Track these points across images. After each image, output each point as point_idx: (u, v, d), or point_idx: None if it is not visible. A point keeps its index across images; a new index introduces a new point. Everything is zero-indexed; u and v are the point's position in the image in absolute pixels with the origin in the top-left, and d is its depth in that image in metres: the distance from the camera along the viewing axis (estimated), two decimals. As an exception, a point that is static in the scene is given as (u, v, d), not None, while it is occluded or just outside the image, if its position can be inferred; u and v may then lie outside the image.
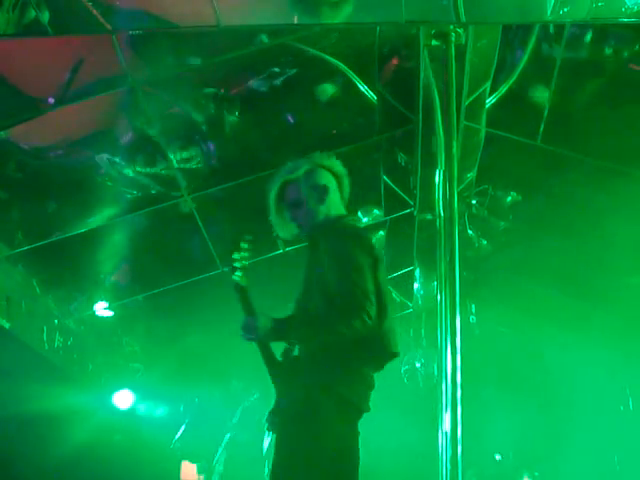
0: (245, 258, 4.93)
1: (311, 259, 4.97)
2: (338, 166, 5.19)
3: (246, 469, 12.17)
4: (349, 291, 4.50)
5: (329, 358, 4.63)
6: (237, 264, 4.90)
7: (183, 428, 9.66)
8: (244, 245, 4.93)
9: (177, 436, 12.16)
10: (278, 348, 4.84)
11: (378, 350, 4.77)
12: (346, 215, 5.09)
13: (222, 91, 7.60)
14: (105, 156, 7.96)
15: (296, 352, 4.77)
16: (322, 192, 4.99)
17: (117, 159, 7.96)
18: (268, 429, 4.88)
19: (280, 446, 4.62)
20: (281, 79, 7.56)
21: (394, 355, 4.88)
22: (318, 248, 4.85)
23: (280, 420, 4.69)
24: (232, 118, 7.86)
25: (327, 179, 5.08)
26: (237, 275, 4.90)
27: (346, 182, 5.21)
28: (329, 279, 4.63)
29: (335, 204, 5.06)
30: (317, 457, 4.48)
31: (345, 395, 4.63)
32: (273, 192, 5.05)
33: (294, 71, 7.52)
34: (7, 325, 8.77)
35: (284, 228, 5.14)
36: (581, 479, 11.28)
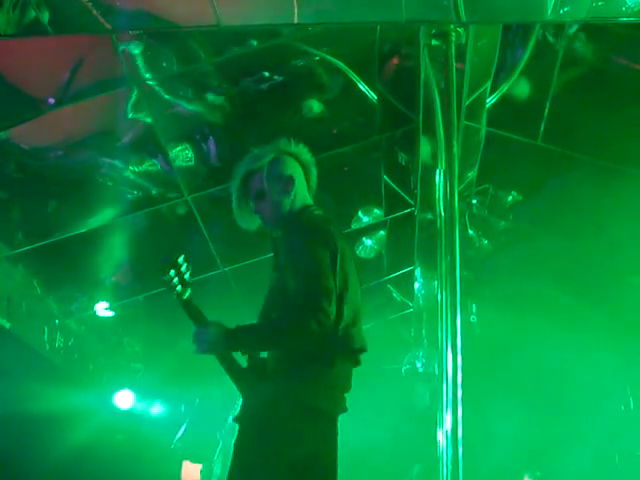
0: (179, 275, 4.62)
1: (274, 257, 4.76)
2: (305, 154, 4.93)
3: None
4: (303, 289, 4.26)
5: (292, 364, 4.42)
6: (171, 284, 4.61)
7: (184, 428, 9.66)
8: (178, 263, 4.62)
9: (178, 436, 12.17)
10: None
11: (342, 349, 4.47)
12: (310, 206, 4.80)
13: (222, 91, 7.59)
14: (107, 159, 7.97)
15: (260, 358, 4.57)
16: (287, 183, 4.74)
17: (118, 161, 7.96)
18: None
19: (239, 452, 4.39)
20: (281, 79, 7.56)
21: (360, 352, 4.59)
22: (277, 245, 4.69)
23: (242, 426, 4.47)
24: (231, 118, 7.86)
25: (293, 168, 4.82)
26: (176, 292, 4.64)
27: (313, 170, 4.95)
28: (286, 278, 4.41)
29: (301, 195, 4.79)
30: (272, 464, 4.31)
31: (311, 403, 4.40)
32: (236, 181, 4.80)
33: (294, 71, 7.52)
34: (8, 325, 8.77)
35: (246, 219, 4.89)
36: (582, 478, 11.28)
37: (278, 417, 4.33)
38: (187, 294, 4.68)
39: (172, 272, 4.58)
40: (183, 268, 4.64)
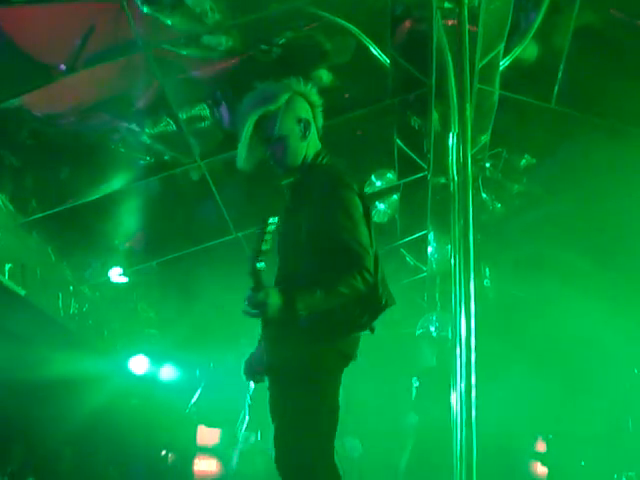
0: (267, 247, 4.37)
1: (291, 201, 4.71)
2: (314, 94, 4.80)
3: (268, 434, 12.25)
4: (346, 245, 4.27)
5: (328, 316, 4.34)
6: (262, 256, 4.36)
7: (199, 393, 9.71)
8: (269, 229, 4.32)
9: (193, 400, 12.24)
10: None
11: (375, 304, 4.50)
12: (322, 150, 4.76)
13: (234, 55, 7.57)
14: (119, 125, 7.96)
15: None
16: (305, 127, 4.65)
17: (130, 127, 7.96)
18: (250, 379, 4.82)
19: (284, 405, 4.42)
20: (294, 43, 7.53)
21: (387, 306, 4.60)
22: (301, 194, 4.62)
23: (277, 378, 4.48)
24: (243, 82, 7.83)
25: (307, 111, 4.72)
26: (261, 265, 4.37)
27: (319, 112, 4.82)
28: (319, 230, 4.38)
29: (314, 139, 4.74)
30: (322, 411, 4.40)
31: (344, 350, 4.50)
32: (249, 123, 4.55)
33: (307, 35, 7.49)
34: (23, 292, 8.81)
35: (249, 160, 4.74)
36: (595, 442, 11.30)
37: (320, 365, 4.38)
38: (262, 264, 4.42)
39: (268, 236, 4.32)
40: (268, 235, 4.34)
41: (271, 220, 4.28)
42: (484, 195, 10.12)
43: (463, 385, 5.93)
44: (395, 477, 11.65)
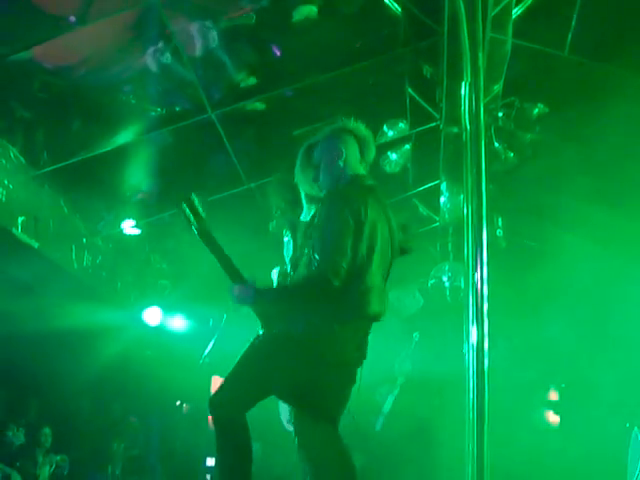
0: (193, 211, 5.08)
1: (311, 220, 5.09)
2: (362, 130, 5.23)
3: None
4: (321, 248, 4.63)
5: (306, 314, 4.75)
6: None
7: (212, 343, 9.76)
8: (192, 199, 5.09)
9: (206, 351, 12.28)
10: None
11: (358, 313, 4.78)
12: (359, 176, 5.10)
13: (245, 5, 7.53)
14: (130, 76, 7.94)
15: None
16: (337, 154, 5.05)
17: (141, 78, 7.93)
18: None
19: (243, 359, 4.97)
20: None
21: (375, 318, 4.89)
22: (318, 207, 5.00)
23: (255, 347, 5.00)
24: (255, 31, 7.80)
25: (346, 142, 5.14)
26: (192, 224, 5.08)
27: (371, 146, 5.23)
28: (313, 242, 4.75)
29: (351, 166, 5.09)
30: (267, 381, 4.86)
31: (320, 354, 4.74)
32: (300, 152, 5.24)
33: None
34: (36, 245, 8.84)
35: (306, 185, 5.27)
36: (607, 390, 11.33)
37: (284, 358, 4.77)
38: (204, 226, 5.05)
39: (186, 208, 5.02)
40: (196, 203, 5.07)
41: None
42: (497, 144, 10.07)
43: (476, 334, 5.95)
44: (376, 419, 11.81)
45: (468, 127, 7.37)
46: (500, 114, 9.61)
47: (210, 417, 4.89)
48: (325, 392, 4.87)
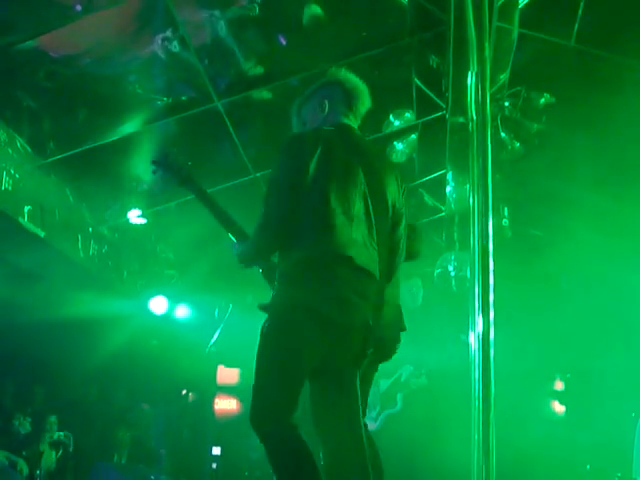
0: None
1: None
2: (350, 79, 5.21)
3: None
4: (264, 205, 4.66)
5: (294, 269, 4.59)
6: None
7: (218, 333, 9.77)
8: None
9: (212, 341, 12.32)
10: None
11: (342, 261, 4.56)
12: (339, 124, 5.02)
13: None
14: (136, 65, 7.94)
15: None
16: (321, 105, 5.05)
17: (147, 67, 7.93)
18: None
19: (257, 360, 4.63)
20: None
21: (362, 271, 4.65)
22: None
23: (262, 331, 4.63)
24: (262, 21, 7.79)
25: (329, 94, 5.10)
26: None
27: (358, 95, 5.23)
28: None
29: (335, 117, 5.06)
30: (296, 369, 4.52)
31: (319, 310, 4.48)
32: (292, 110, 5.22)
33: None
34: (42, 234, 8.86)
35: None
36: (612, 382, 11.35)
37: (287, 323, 4.51)
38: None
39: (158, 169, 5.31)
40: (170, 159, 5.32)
41: None
42: (503, 134, 10.05)
43: (482, 324, 5.95)
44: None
45: (474, 117, 7.36)
46: (506, 104, 9.60)
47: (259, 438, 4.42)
48: (346, 360, 4.67)
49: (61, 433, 11.09)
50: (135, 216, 10.44)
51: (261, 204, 4.68)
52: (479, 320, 6.03)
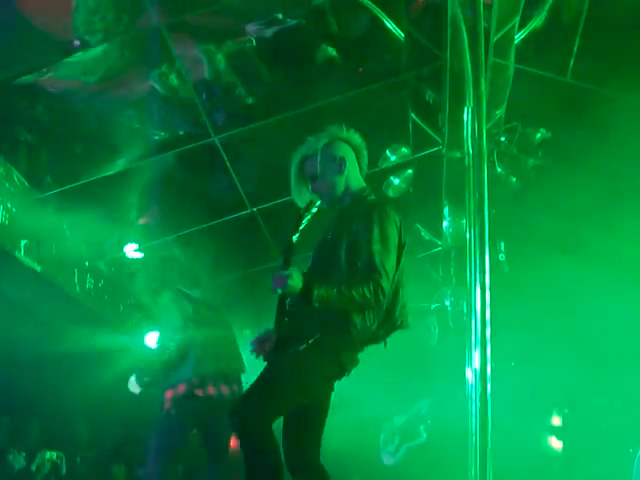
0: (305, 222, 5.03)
1: (336, 225, 5.12)
2: (356, 138, 5.30)
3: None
4: (372, 264, 4.73)
5: (341, 320, 4.80)
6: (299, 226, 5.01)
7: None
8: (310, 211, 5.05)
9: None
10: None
11: (390, 323, 4.98)
12: (366, 188, 5.24)
13: (248, 30, 7.55)
14: (133, 100, 7.98)
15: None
16: (339, 163, 5.13)
17: (144, 102, 7.97)
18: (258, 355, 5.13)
19: (271, 374, 4.85)
20: (308, 17, 7.51)
21: (401, 328, 5.06)
22: (347, 214, 5.07)
23: (278, 354, 4.96)
24: (258, 57, 7.83)
25: (344, 151, 5.20)
26: (295, 236, 4.97)
27: (364, 153, 5.34)
28: (356, 247, 4.83)
29: (354, 175, 5.21)
30: (296, 396, 4.86)
31: (343, 363, 4.94)
32: (294, 166, 5.23)
33: (320, 8, 7.47)
34: (38, 268, 8.84)
35: (302, 198, 5.24)
36: (610, 417, 11.31)
37: (316, 363, 4.82)
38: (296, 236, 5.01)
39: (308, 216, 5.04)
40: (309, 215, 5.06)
41: (313, 204, 5.06)
42: (499, 169, 10.09)
43: (479, 359, 5.95)
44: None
45: (471, 152, 7.40)
46: (502, 139, 9.64)
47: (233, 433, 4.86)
48: (324, 404, 5.08)
49: (54, 453, 11.03)
50: (132, 250, 10.43)
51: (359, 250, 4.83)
52: (476, 355, 6.03)
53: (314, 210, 5.04)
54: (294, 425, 4.99)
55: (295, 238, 4.91)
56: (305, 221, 4.98)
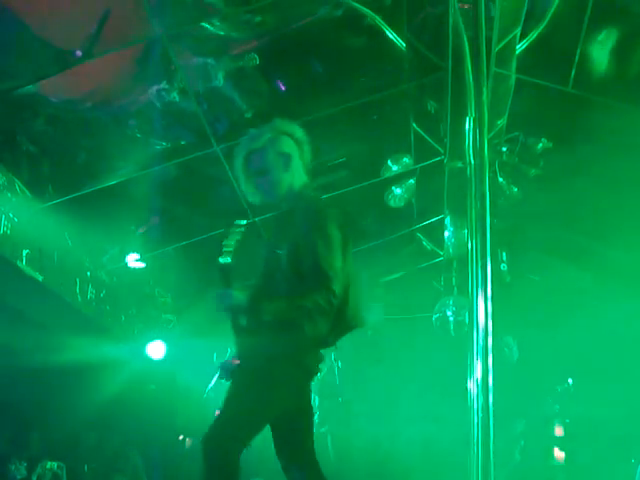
0: (232, 243, 4.84)
1: (278, 230, 5.11)
2: (298, 132, 5.16)
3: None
4: (318, 268, 4.60)
5: (293, 328, 4.70)
6: (225, 249, 4.82)
7: (216, 378, 9.73)
8: (236, 230, 4.87)
9: (210, 385, 12.27)
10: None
11: (343, 328, 4.88)
12: (310, 184, 5.11)
13: (249, 41, 7.57)
14: (135, 110, 7.98)
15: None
16: (286, 160, 4.99)
17: (146, 112, 7.97)
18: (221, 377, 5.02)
19: (234, 395, 4.78)
20: (309, 27, 7.52)
21: (354, 329, 4.98)
22: (286, 220, 4.97)
23: (239, 373, 4.83)
24: (261, 66, 7.84)
25: (290, 147, 5.06)
26: (225, 258, 4.83)
27: (306, 149, 5.16)
28: (298, 253, 4.71)
29: (298, 171, 5.05)
30: (265, 411, 4.76)
31: (306, 365, 4.83)
32: (239, 161, 5.07)
33: (322, 19, 7.48)
34: (40, 278, 8.84)
35: (253, 194, 5.14)
36: (612, 428, 11.31)
37: (276, 374, 4.68)
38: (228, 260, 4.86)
39: (233, 240, 4.82)
40: (237, 237, 4.86)
41: (237, 223, 4.86)
42: (501, 179, 10.09)
43: (480, 369, 5.94)
44: None
45: (472, 162, 7.39)
46: (504, 149, 9.64)
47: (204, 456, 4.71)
48: (305, 406, 5.02)
49: (54, 463, 11.02)
50: (133, 260, 10.44)
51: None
52: (478, 365, 6.02)
53: (240, 230, 4.87)
54: (279, 435, 4.98)
55: (225, 260, 4.81)
56: (233, 242, 4.83)
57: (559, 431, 13.24)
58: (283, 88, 8.27)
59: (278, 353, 4.70)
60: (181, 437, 14.17)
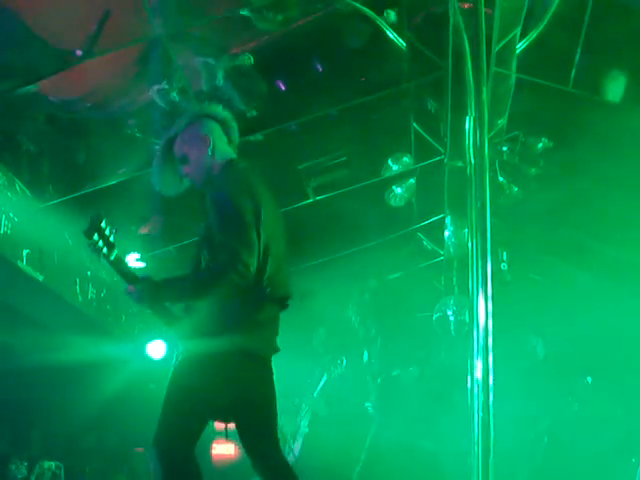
0: (103, 238, 4.79)
1: (204, 213, 4.94)
2: (220, 111, 5.11)
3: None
4: (225, 241, 4.51)
5: (222, 311, 4.62)
6: (96, 247, 4.79)
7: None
8: (101, 227, 4.78)
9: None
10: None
11: (267, 298, 4.73)
12: (233, 160, 5.02)
13: (249, 41, 7.57)
14: (136, 110, 7.98)
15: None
16: (203, 142, 4.93)
17: (147, 112, 7.97)
18: None
19: (170, 390, 4.92)
20: (310, 27, 7.52)
21: (284, 299, 4.89)
22: (203, 203, 4.86)
23: (178, 369, 4.89)
24: (259, 66, 7.84)
25: (208, 127, 5.00)
26: (102, 254, 4.83)
27: (233, 125, 5.14)
28: (211, 233, 4.66)
29: (220, 151, 4.97)
30: (203, 401, 4.73)
31: (245, 347, 4.66)
32: (160, 151, 5.01)
33: (323, 19, 7.48)
34: (40, 278, 8.84)
35: (173, 186, 5.17)
36: (612, 428, 11.30)
37: (214, 361, 4.61)
38: (114, 255, 4.89)
39: (96, 236, 4.76)
40: (107, 231, 4.81)
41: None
42: (501, 178, 10.09)
43: (481, 368, 5.94)
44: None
45: (472, 161, 7.40)
46: (504, 148, 9.64)
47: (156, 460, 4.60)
48: (258, 395, 4.86)
49: (52, 463, 11.02)
50: (134, 260, 10.43)
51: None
52: (478, 364, 6.01)
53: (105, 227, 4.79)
54: (240, 426, 4.94)
55: (109, 256, 4.83)
56: (111, 237, 4.82)
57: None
58: (283, 88, 8.26)
59: (206, 340, 4.63)
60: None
